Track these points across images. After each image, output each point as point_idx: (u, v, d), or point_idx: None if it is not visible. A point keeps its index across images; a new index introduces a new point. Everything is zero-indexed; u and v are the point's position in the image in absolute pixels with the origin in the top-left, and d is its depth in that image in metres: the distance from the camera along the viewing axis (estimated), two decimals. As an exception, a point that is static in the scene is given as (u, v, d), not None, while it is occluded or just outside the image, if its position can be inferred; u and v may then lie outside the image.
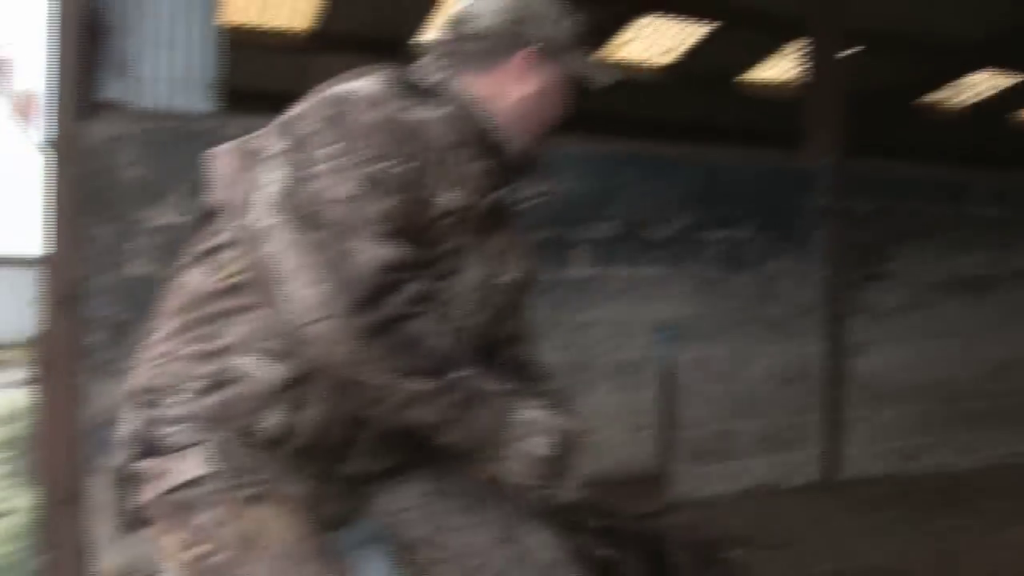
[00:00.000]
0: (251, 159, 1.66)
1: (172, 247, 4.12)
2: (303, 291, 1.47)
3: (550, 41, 1.87)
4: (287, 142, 1.60)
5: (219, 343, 1.60)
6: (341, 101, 1.62)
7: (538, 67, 1.86)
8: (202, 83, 4.50)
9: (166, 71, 4.42)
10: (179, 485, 1.54)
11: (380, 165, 1.55)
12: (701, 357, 5.46)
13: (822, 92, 6.00)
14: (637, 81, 10.45)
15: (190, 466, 1.55)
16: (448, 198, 1.67)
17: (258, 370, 1.59)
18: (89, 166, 4.07)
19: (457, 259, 1.73)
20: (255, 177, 1.60)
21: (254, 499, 1.55)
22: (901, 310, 6.23)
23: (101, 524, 3.97)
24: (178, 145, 4.21)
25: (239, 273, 1.61)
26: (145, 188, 4.17)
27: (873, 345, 6.08)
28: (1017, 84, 12.03)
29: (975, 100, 12.64)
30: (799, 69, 7.74)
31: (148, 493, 1.56)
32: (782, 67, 11.03)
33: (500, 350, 1.95)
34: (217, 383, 1.58)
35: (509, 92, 1.84)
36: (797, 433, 5.81)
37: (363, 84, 1.67)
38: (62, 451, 4.02)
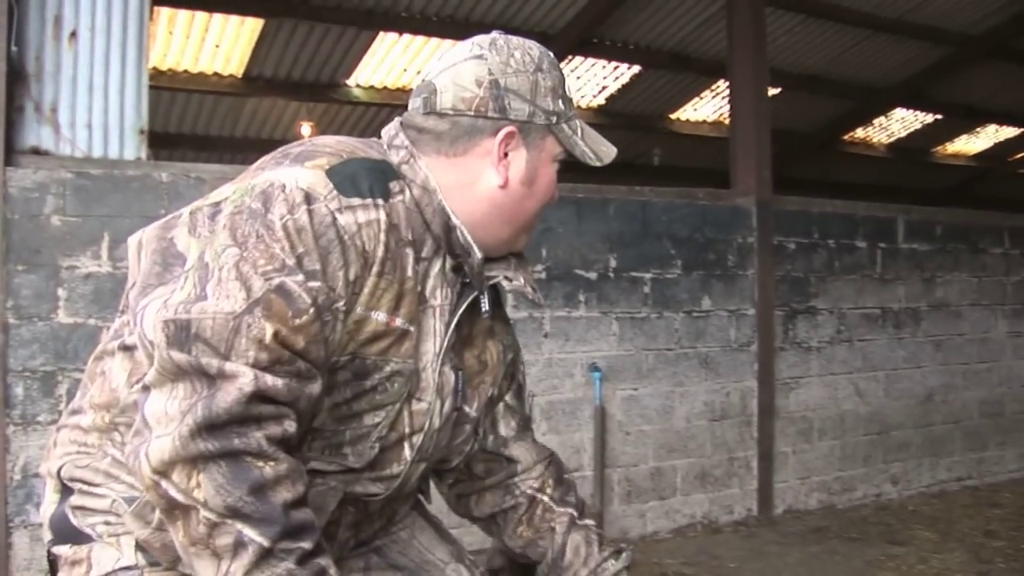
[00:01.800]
0: (163, 256, 1.46)
1: (101, 296, 4.10)
2: (154, 406, 1.29)
3: (534, 115, 1.57)
4: (199, 239, 1.41)
5: None
6: (266, 195, 1.39)
7: (519, 149, 1.58)
8: (131, 128, 4.47)
9: (94, 116, 4.37)
10: (105, 574, 1.47)
11: (290, 278, 1.34)
12: (635, 396, 5.51)
13: (748, 132, 6.13)
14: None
15: (115, 556, 1.48)
16: (387, 316, 1.46)
17: None
18: (14, 212, 4.01)
19: (405, 387, 1.52)
20: (160, 281, 1.42)
21: None
22: (830, 344, 6.35)
23: (27, 581, 3.86)
24: (107, 191, 4.17)
25: None
26: (73, 235, 4.11)
27: (803, 379, 6.19)
28: (935, 121, 12.40)
29: (896, 137, 12.99)
30: (725, 108, 7.90)
31: None
32: (709, 107, 11.25)
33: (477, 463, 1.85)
34: (139, 516, 1.45)
35: (481, 180, 1.56)
36: (731, 468, 5.88)
37: (299, 175, 1.42)
38: (-14, 506, 3.91)
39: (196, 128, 10.28)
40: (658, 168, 11.59)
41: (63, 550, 1.52)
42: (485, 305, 1.64)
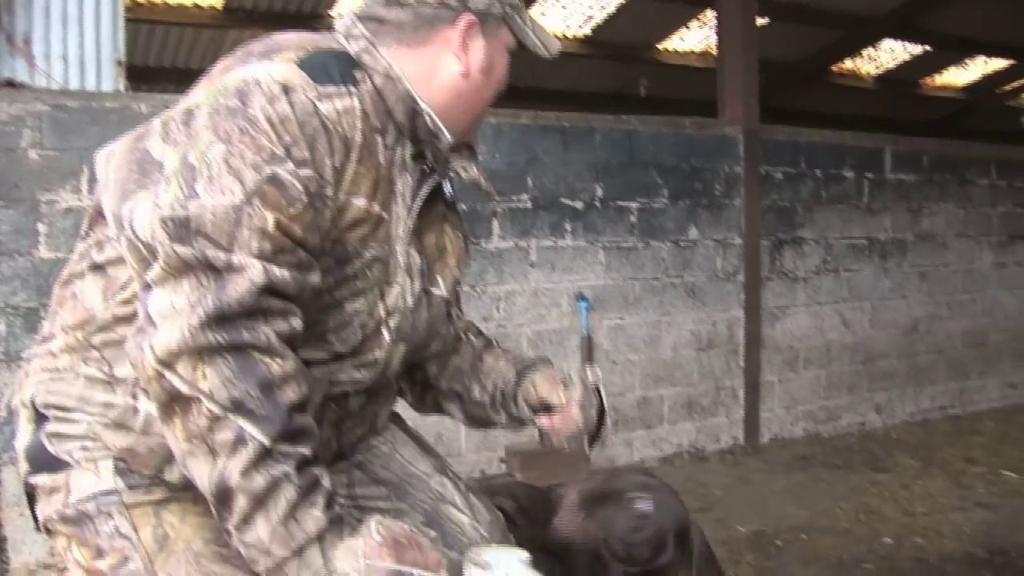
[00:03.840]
0: (139, 164, 1.43)
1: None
2: (159, 303, 1.28)
3: (491, 5, 1.61)
4: (176, 144, 1.39)
5: (120, 372, 1.46)
6: (243, 92, 1.39)
7: (477, 38, 1.60)
8: (108, 60, 4.39)
9: (69, 48, 4.30)
10: (84, 498, 1.46)
11: (281, 168, 1.35)
12: (621, 325, 5.52)
13: (736, 61, 6.07)
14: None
15: (94, 480, 1.47)
16: (366, 202, 1.48)
17: None
18: (-9, 147, 3.95)
19: (383, 272, 1.54)
20: (140, 187, 1.40)
21: (165, 502, 1.47)
22: (816, 274, 6.37)
23: (15, 518, 3.87)
24: (85, 124, 4.11)
25: (135, 298, 1.39)
26: (52, 169, 4.05)
27: (789, 309, 6.21)
28: (925, 52, 12.31)
29: (885, 69, 12.90)
30: (713, 39, 7.81)
31: (49, 508, 1.49)
32: (696, 37, 11.13)
33: (435, 360, 1.88)
34: (120, 424, 1.46)
35: (443, 69, 1.59)
36: (718, 398, 5.92)
37: (271, 68, 1.42)
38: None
39: (176, 61, 10.10)
40: (645, 99, 11.47)
41: (40, 479, 1.50)
42: (450, 188, 1.69)
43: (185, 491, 1.45)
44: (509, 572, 1.06)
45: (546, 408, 1.82)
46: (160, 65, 10.02)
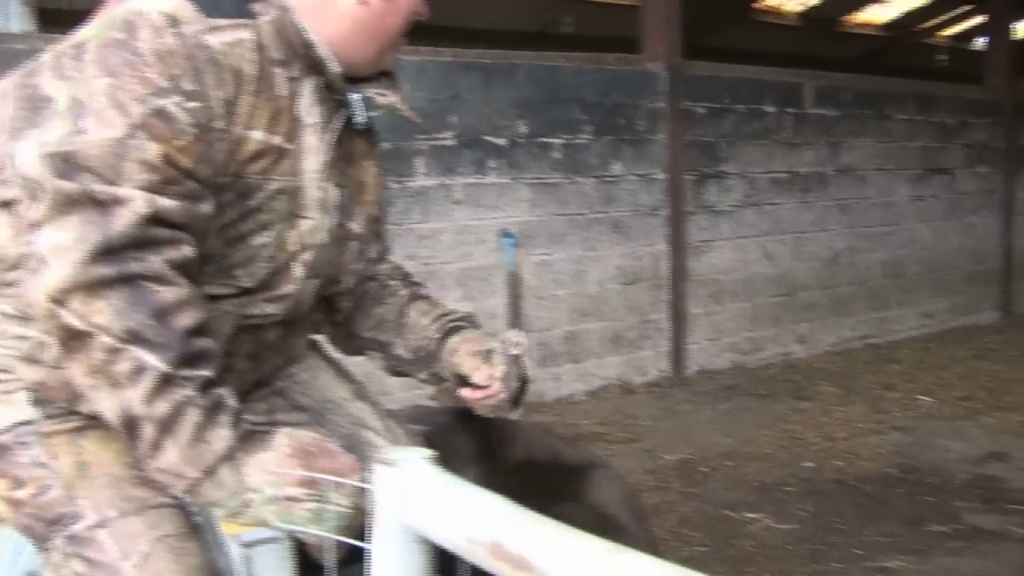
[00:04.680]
0: (29, 101, 1.38)
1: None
2: (47, 241, 1.26)
3: None
4: (66, 79, 1.35)
5: None
6: (130, 24, 1.37)
7: None
8: (17, 1, 4.24)
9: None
10: (1, 430, 1.45)
11: (167, 100, 1.33)
12: (547, 261, 5.54)
13: (657, -4, 6.05)
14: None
15: (10, 412, 1.45)
16: (264, 134, 1.46)
17: None
18: None
19: (291, 206, 1.52)
20: (30, 124, 1.35)
21: (83, 430, 1.46)
22: (739, 208, 6.44)
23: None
24: (-11, 61, 3.95)
25: None
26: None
27: (713, 243, 6.28)
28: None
29: (807, 6, 12.98)
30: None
31: None
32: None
33: (347, 295, 1.84)
34: (33, 358, 1.44)
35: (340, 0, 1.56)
36: (644, 331, 5.98)
37: (160, 1, 1.40)
38: None
39: (89, 3, 9.78)
40: (568, 37, 11.41)
41: None
42: (359, 116, 1.65)
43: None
44: (414, 469, 1.07)
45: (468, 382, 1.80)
46: (72, 8, 9.69)
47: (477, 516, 0.99)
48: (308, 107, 1.54)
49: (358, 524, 1.31)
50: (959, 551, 3.52)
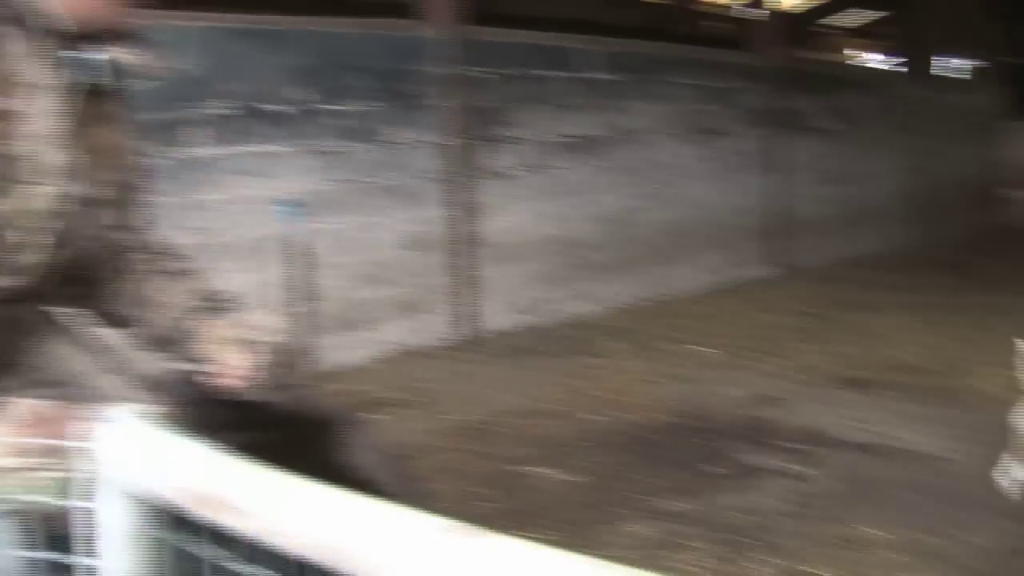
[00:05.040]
0: None
1: None
2: None
3: None
4: None
5: None
6: None
7: None
8: None
9: None
10: None
11: None
12: (328, 229, 5.38)
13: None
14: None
15: None
16: None
17: None
18: None
19: (15, 172, 1.44)
20: None
21: None
22: (526, 172, 6.46)
23: None
24: None
25: None
26: None
27: (499, 206, 6.28)
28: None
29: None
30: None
31: None
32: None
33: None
34: None
35: None
36: (433, 296, 5.93)
37: None
38: None
39: None
40: (355, 2, 11.19)
41: None
42: (101, 78, 1.54)
43: None
44: (134, 427, 1.00)
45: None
46: None
47: (188, 466, 0.97)
48: (35, 69, 1.44)
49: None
50: (737, 489, 3.66)
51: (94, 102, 1.57)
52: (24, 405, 1.29)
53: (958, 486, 3.61)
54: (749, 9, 12.40)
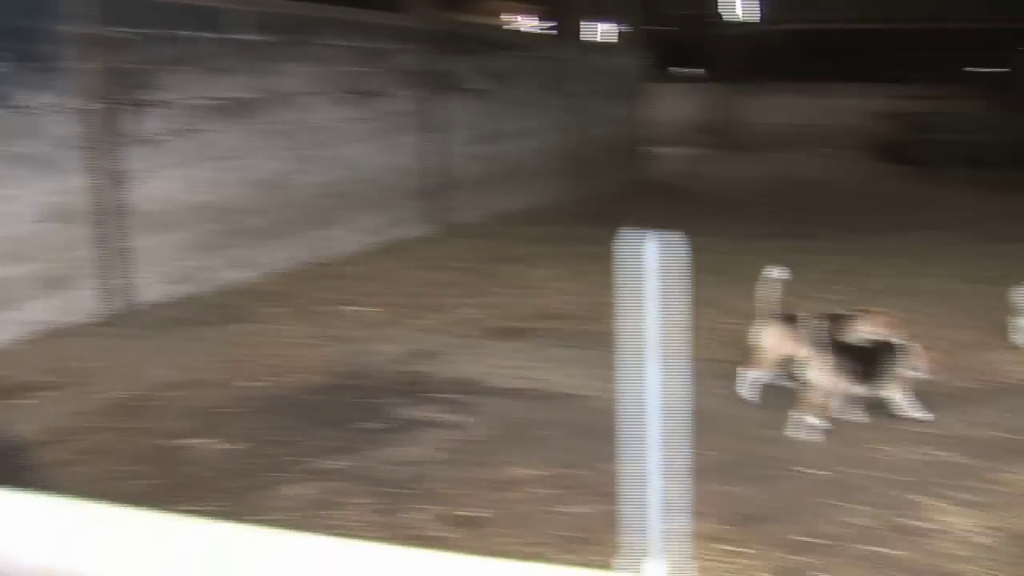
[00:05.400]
0: None
1: None
2: None
3: None
4: None
5: None
6: None
7: None
8: None
9: None
10: None
11: None
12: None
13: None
14: None
15: None
16: None
17: None
18: None
19: None
20: None
21: None
22: (174, 136, 6.23)
23: None
24: None
25: None
26: None
27: (148, 173, 6.02)
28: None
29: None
30: None
31: None
32: None
33: None
34: None
35: None
36: (79, 270, 5.60)
37: None
38: None
39: None
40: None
41: None
42: None
43: None
44: None
45: None
46: None
47: None
48: None
49: None
50: (395, 442, 3.82)
51: None
52: None
53: (600, 421, 3.93)
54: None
